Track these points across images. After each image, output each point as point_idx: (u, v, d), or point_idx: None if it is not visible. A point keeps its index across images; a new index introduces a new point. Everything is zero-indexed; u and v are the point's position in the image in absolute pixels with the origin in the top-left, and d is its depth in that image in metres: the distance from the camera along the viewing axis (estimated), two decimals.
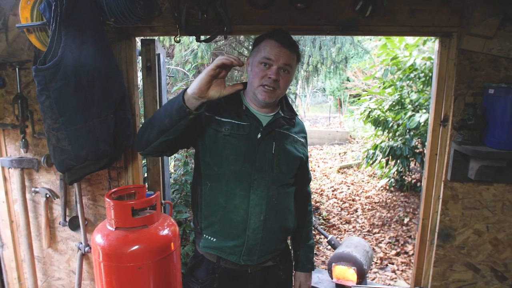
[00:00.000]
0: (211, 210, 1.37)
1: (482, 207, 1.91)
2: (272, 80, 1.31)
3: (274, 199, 1.35)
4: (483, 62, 1.79)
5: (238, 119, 1.37)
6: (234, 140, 1.33)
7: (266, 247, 1.38)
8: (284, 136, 1.42)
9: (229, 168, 1.32)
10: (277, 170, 1.36)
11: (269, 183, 1.34)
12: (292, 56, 1.36)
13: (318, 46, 4.29)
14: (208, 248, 1.40)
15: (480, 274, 1.97)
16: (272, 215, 1.35)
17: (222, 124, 1.35)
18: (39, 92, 1.45)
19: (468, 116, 1.78)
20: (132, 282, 1.68)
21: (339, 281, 2.48)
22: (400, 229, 4.50)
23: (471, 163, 1.81)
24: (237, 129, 1.35)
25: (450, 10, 1.79)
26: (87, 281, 2.18)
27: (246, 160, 1.33)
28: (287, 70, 1.34)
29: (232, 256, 1.36)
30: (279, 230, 1.41)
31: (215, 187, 1.35)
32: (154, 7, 1.80)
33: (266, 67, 1.32)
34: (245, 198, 1.32)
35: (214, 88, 1.16)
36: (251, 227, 1.33)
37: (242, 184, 1.32)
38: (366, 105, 5.44)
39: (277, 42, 1.32)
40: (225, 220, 1.35)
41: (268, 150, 1.36)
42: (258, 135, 1.35)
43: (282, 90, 1.36)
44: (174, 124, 1.20)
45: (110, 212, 1.71)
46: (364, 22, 1.82)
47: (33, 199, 2.13)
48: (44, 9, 1.46)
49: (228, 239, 1.35)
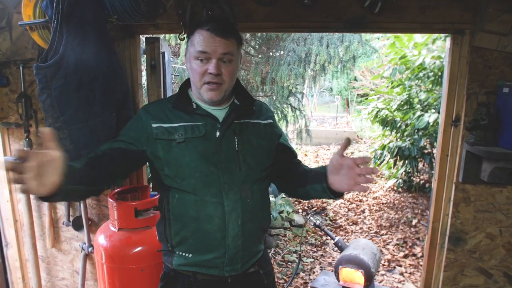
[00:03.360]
0: (182, 224, 1.23)
1: (495, 210, 1.85)
2: (214, 75, 1.18)
3: (249, 200, 1.23)
4: (497, 59, 1.74)
5: (191, 120, 1.23)
6: (191, 145, 1.20)
7: (248, 252, 1.27)
8: (245, 126, 1.28)
9: (194, 176, 1.20)
10: (246, 167, 1.24)
11: (240, 183, 1.22)
12: (230, 43, 1.21)
13: (325, 44, 4.23)
14: (184, 266, 1.26)
15: (493, 279, 1.91)
16: (249, 217, 1.23)
17: (173, 131, 1.21)
18: (40, 91, 1.43)
19: (481, 115, 1.72)
20: (135, 283, 1.66)
21: (346, 284, 2.44)
22: (408, 230, 4.43)
23: (484, 165, 1.75)
24: (192, 132, 1.21)
25: (462, 6, 1.73)
26: (91, 282, 2.17)
27: (209, 163, 1.20)
28: (228, 59, 1.21)
29: (214, 270, 1.23)
30: (258, 231, 1.31)
31: (183, 198, 1.22)
32: (158, 5, 1.77)
33: (204, 62, 1.19)
34: (218, 205, 1.19)
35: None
36: (230, 235, 1.20)
37: (212, 190, 1.20)
38: (373, 105, 5.37)
39: (210, 32, 1.18)
40: (199, 232, 1.21)
41: (231, 147, 1.23)
42: (217, 133, 1.22)
43: (228, 83, 1.23)
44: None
45: (113, 212, 1.69)
46: (373, 19, 1.78)
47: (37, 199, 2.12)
48: (46, 7, 1.44)
49: (206, 252, 1.22)
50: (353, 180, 1.08)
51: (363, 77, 10.24)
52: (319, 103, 17.85)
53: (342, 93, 16.60)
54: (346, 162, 1.09)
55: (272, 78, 4.54)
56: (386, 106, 5.13)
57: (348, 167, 1.09)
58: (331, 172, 1.14)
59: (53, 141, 0.92)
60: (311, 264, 3.69)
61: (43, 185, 0.89)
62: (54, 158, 0.90)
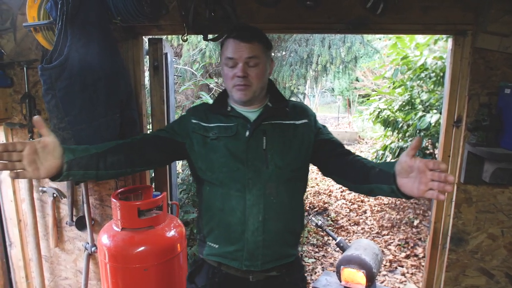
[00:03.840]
0: (210, 215, 1.32)
1: (497, 211, 1.85)
2: (241, 78, 1.27)
3: (273, 198, 1.27)
4: (499, 60, 1.74)
5: (226, 121, 1.33)
6: (222, 143, 1.29)
7: (271, 250, 1.29)
8: (276, 127, 1.33)
9: (222, 170, 1.28)
10: (273, 166, 1.28)
11: (265, 181, 1.27)
12: (255, 47, 1.29)
13: (327, 45, 4.24)
14: (211, 256, 1.34)
15: (494, 279, 1.91)
16: (272, 215, 1.27)
17: (209, 130, 1.32)
18: (45, 91, 1.44)
19: (482, 116, 1.72)
20: (138, 283, 1.67)
21: (348, 284, 2.44)
22: (410, 231, 4.43)
23: (485, 165, 1.75)
24: (225, 132, 1.31)
25: (464, 7, 1.74)
26: (94, 281, 2.18)
27: (237, 160, 1.27)
28: (254, 63, 1.28)
29: (234, 262, 1.29)
30: (283, 230, 1.32)
31: (212, 190, 1.31)
32: (161, 6, 1.78)
33: (232, 67, 1.29)
34: (241, 199, 1.26)
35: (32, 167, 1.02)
36: (250, 229, 1.26)
37: (237, 184, 1.27)
38: (375, 105, 5.36)
39: (235, 39, 1.28)
40: (223, 223, 1.29)
41: (259, 146, 1.29)
42: (246, 133, 1.30)
43: (256, 85, 1.30)
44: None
45: (116, 212, 1.70)
46: (375, 20, 1.78)
47: (40, 199, 2.13)
48: (51, 8, 1.45)
49: (228, 244, 1.29)
50: (425, 185, 0.97)
51: (364, 78, 10.22)
52: (320, 103, 17.84)
53: (344, 93, 16.58)
54: (417, 165, 0.99)
55: (274, 78, 4.56)
56: (387, 107, 5.12)
57: (419, 170, 0.99)
58: (400, 174, 1.04)
59: (44, 128, 1.04)
60: (313, 265, 3.70)
61: (38, 169, 1.02)
62: (46, 144, 1.03)
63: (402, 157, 1.01)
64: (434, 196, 0.96)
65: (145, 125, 2.05)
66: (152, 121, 2.11)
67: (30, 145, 1.01)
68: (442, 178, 0.94)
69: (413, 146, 1.00)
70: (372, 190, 1.19)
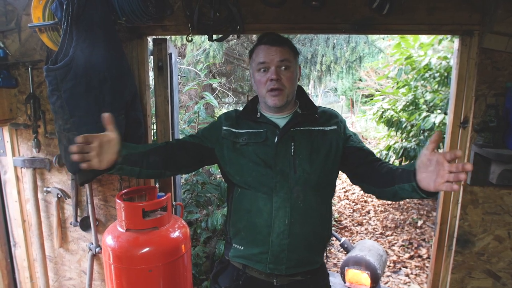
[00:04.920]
0: (239, 216, 1.34)
1: (503, 213, 1.84)
2: (275, 81, 1.28)
3: (300, 202, 1.28)
4: (506, 61, 1.72)
5: (256, 127, 1.36)
6: (251, 149, 1.32)
7: (296, 255, 1.29)
8: (305, 134, 1.34)
9: (251, 174, 1.30)
10: (301, 171, 1.29)
11: (292, 184, 1.28)
12: (285, 51, 1.32)
13: (331, 45, 4.23)
14: (236, 258, 1.36)
15: (501, 282, 1.89)
16: (298, 218, 1.28)
17: (239, 136, 1.35)
18: (51, 92, 1.44)
19: (489, 117, 1.71)
20: (142, 284, 1.66)
21: (352, 285, 2.43)
22: (414, 232, 4.41)
23: (492, 167, 1.74)
24: (254, 138, 1.33)
25: (471, 8, 1.72)
26: (98, 282, 2.18)
27: (265, 165, 1.29)
28: (285, 66, 1.30)
29: (259, 264, 1.30)
30: (309, 235, 1.31)
31: (242, 192, 1.34)
32: (166, 6, 1.78)
33: (265, 72, 1.31)
34: (268, 200, 1.28)
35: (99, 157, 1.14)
36: (275, 232, 1.26)
37: (264, 187, 1.29)
38: (379, 105, 5.34)
39: (265, 45, 1.31)
40: (250, 225, 1.31)
41: (287, 152, 1.30)
42: (275, 139, 1.31)
43: (289, 88, 1.32)
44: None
45: (121, 213, 1.70)
46: (381, 20, 1.77)
47: (45, 199, 2.13)
48: (56, 9, 1.45)
49: (253, 246, 1.31)
50: (442, 177, 0.98)
51: (368, 78, 10.20)
52: (323, 103, 17.82)
53: (347, 93, 16.55)
54: (435, 158, 1.00)
55: None
56: (391, 107, 5.10)
57: (437, 163, 0.99)
58: (420, 169, 1.05)
59: (111, 124, 1.16)
60: None
61: (102, 161, 1.14)
62: (111, 139, 1.16)
63: (423, 151, 1.03)
64: (449, 188, 0.97)
65: (149, 126, 2.05)
66: (156, 121, 2.11)
67: (99, 139, 1.13)
68: (460, 168, 0.95)
69: (433, 140, 1.01)
70: (396, 192, 1.19)
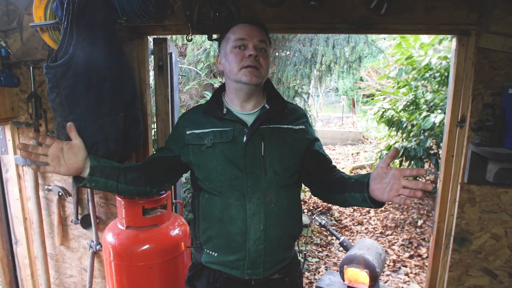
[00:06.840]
0: (209, 223, 1.27)
1: (500, 211, 1.85)
2: (253, 57, 1.22)
3: (273, 205, 1.23)
4: (503, 61, 1.74)
5: (221, 125, 1.27)
6: (218, 150, 1.24)
7: (272, 258, 1.27)
8: (274, 131, 1.27)
9: (219, 179, 1.23)
10: (271, 172, 1.24)
11: (264, 188, 1.22)
12: (264, 34, 1.28)
13: (331, 45, 4.24)
14: (210, 263, 1.31)
15: (498, 279, 1.91)
16: (273, 223, 1.23)
17: (204, 136, 1.27)
18: (50, 90, 1.45)
19: (486, 116, 1.72)
20: (142, 281, 1.68)
21: (351, 283, 2.44)
22: (414, 231, 4.42)
23: (489, 165, 1.75)
24: (220, 137, 1.25)
25: (468, 7, 1.74)
26: (99, 279, 2.20)
27: (234, 167, 1.22)
28: (263, 48, 1.26)
29: (236, 271, 1.26)
30: (283, 238, 1.29)
31: (211, 199, 1.26)
32: (166, 6, 1.80)
33: (242, 49, 1.24)
34: (241, 208, 1.21)
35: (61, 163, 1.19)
36: (251, 239, 1.21)
37: (235, 193, 1.22)
38: (379, 105, 5.35)
39: (245, 23, 1.27)
40: (223, 233, 1.24)
41: (257, 152, 1.23)
42: (244, 138, 1.24)
43: (265, 70, 1.26)
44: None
45: (121, 211, 1.71)
46: (379, 20, 1.78)
47: (46, 197, 2.15)
48: (57, 8, 1.46)
49: (229, 253, 1.25)
50: (396, 191, 1.02)
51: (369, 78, 10.21)
52: (324, 103, 17.82)
53: (348, 93, 16.55)
54: (392, 172, 1.04)
55: (278, 78, 4.56)
56: (392, 107, 5.11)
57: (393, 177, 1.03)
58: (374, 179, 1.08)
59: (74, 131, 1.23)
60: (316, 264, 3.70)
61: (60, 165, 1.17)
62: (72, 145, 1.20)
63: (379, 164, 1.08)
64: (402, 201, 1.02)
65: (149, 124, 2.07)
66: (157, 120, 2.13)
67: (57, 143, 1.17)
68: (420, 186, 0.99)
69: (390, 155, 1.05)
70: (346, 199, 1.21)
